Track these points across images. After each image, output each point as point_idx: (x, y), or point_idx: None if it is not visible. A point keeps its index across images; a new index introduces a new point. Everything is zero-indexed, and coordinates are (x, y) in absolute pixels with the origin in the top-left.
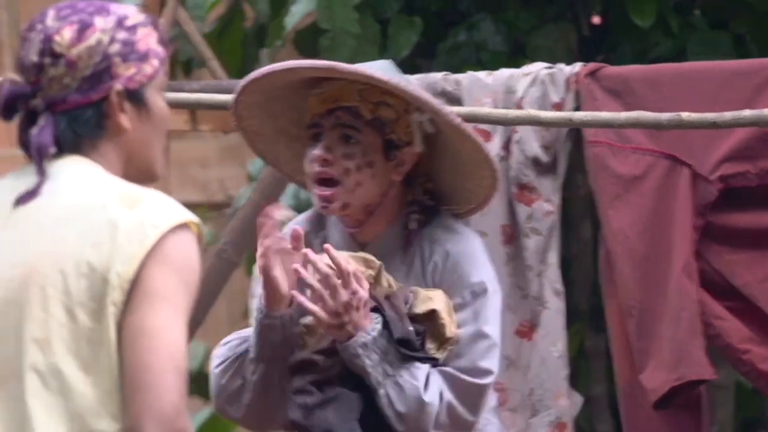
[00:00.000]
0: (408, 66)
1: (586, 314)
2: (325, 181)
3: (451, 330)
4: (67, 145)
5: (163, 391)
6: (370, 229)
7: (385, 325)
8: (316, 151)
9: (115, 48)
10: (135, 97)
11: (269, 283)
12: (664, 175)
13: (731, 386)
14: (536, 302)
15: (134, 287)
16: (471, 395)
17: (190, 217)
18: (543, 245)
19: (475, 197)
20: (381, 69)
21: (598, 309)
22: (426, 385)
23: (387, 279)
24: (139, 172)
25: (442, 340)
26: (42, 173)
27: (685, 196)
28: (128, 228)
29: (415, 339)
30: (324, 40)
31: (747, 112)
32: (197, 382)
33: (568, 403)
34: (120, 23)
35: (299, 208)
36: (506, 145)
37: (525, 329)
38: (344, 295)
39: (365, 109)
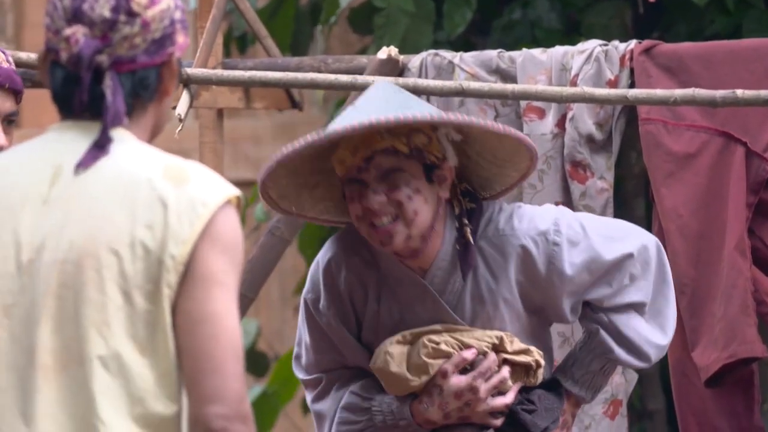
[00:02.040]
0: (462, 43)
1: None
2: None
3: (534, 357)
4: (128, 108)
5: (226, 378)
6: (425, 255)
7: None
8: (369, 203)
9: (178, 15)
10: (179, 64)
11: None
12: (717, 152)
13: None
14: None
15: (187, 269)
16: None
17: (233, 191)
18: None
19: (509, 180)
20: (386, 100)
21: None
22: None
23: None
24: (153, 137)
25: (536, 368)
26: (108, 141)
27: (738, 174)
28: (178, 207)
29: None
30: (378, 18)
31: None
32: (248, 360)
33: (622, 381)
34: None
35: None
36: (560, 123)
37: None
38: None
39: (400, 143)
